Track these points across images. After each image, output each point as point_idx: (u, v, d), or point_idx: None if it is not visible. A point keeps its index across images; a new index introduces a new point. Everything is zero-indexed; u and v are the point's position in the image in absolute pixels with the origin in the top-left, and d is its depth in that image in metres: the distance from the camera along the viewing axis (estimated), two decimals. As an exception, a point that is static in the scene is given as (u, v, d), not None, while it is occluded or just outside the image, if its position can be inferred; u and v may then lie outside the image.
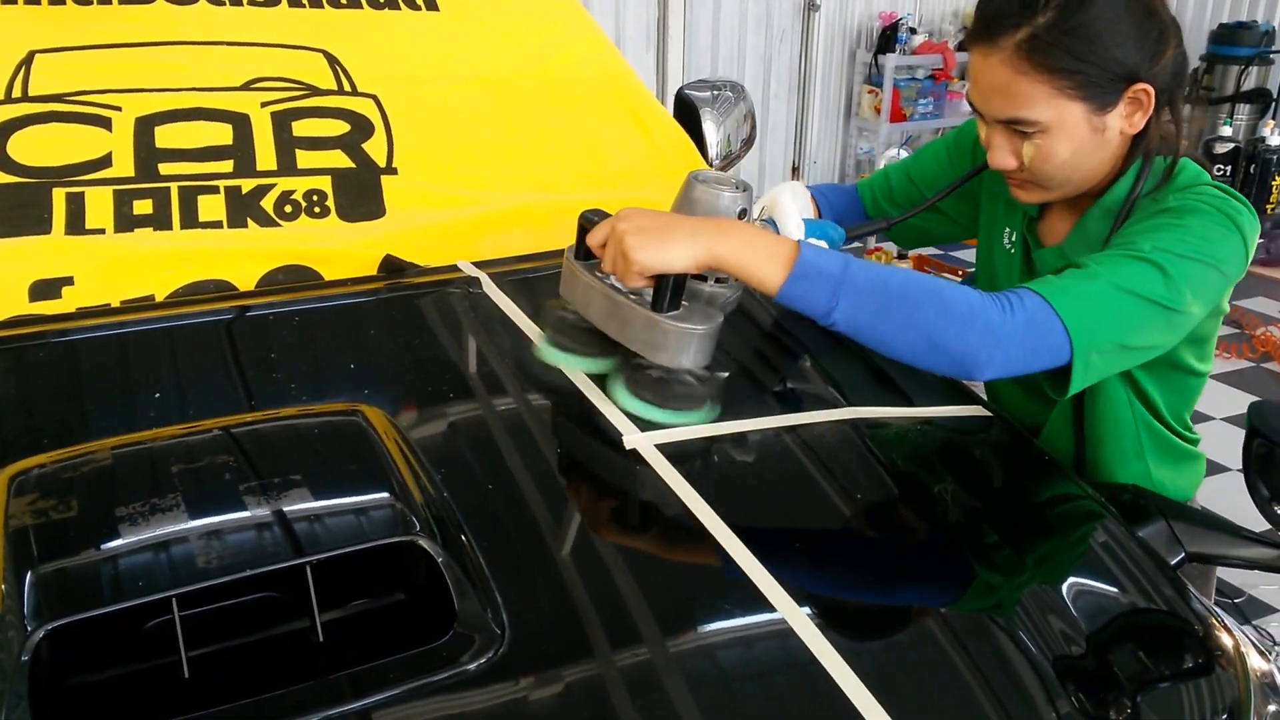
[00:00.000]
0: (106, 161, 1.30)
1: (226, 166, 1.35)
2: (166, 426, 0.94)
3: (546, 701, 0.74)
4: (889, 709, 0.73)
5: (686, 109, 1.80)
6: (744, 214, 1.08)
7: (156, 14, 1.49)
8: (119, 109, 1.35)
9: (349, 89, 1.50)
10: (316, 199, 1.36)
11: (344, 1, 1.62)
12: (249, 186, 1.34)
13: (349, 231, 1.34)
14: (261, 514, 0.81)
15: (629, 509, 0.98)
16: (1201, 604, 0.96)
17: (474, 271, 1.29)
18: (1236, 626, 0.97)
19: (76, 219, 1.24)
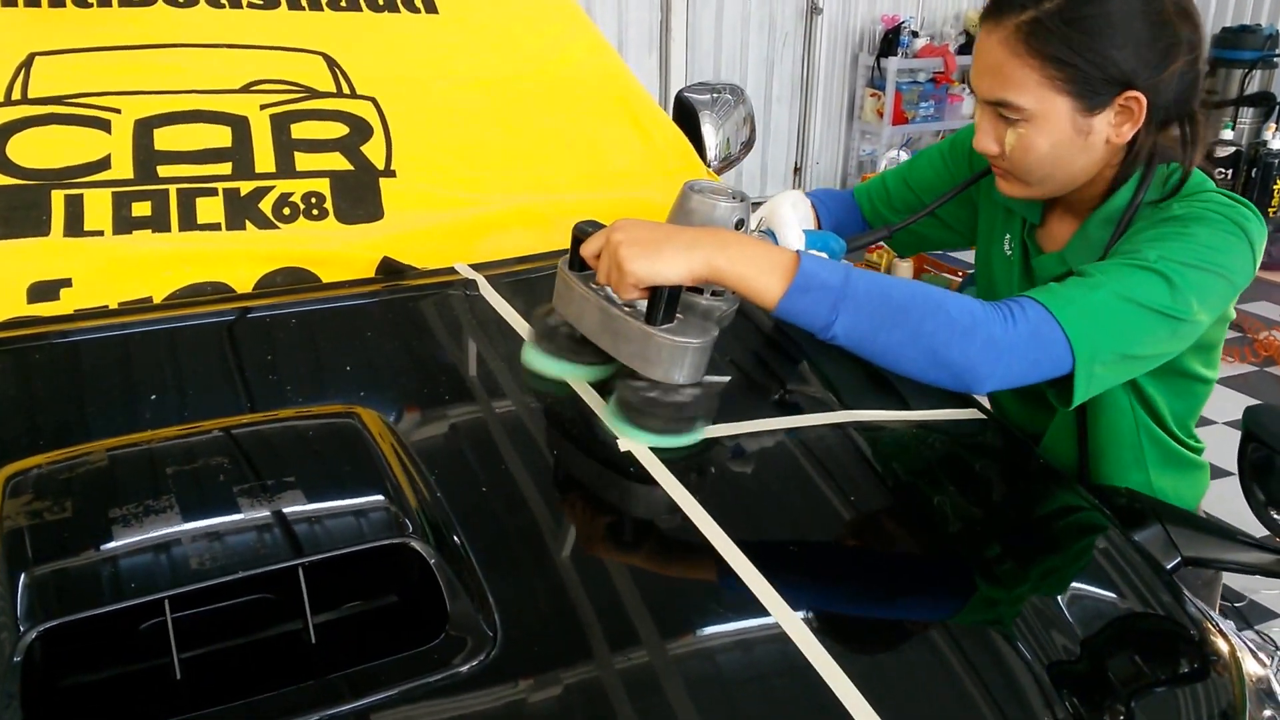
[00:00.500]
0: (105, 164, 1.30)
1: (225, 169, 1.35)
2: (162, 428, 0.94)
3: (538, 704, 0.74)
4: (883, 714, 0.73)
5: (686, 111, 1.81)
6: (741, 224, 1.07)
7: (156, 16, 1.49)
8: (118, 111, 1.36)
9: (348, 91, 1.50)
10: (315, 201, 1.37)
11: (343, 4, 1.62)
12: (247, 189, 1.34)
13: (347, 234, 1.35)
14: (255, 515, 0.81)
15: (622, 512, 0.98)
16: (1197, 608, 0.96)
17: (471, 274, 1.29)
18: (1233, 631, 0.97)
19: (75, 221, 1.24)
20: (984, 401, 1.28)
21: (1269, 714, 0.90)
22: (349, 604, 0.83)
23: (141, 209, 1.28)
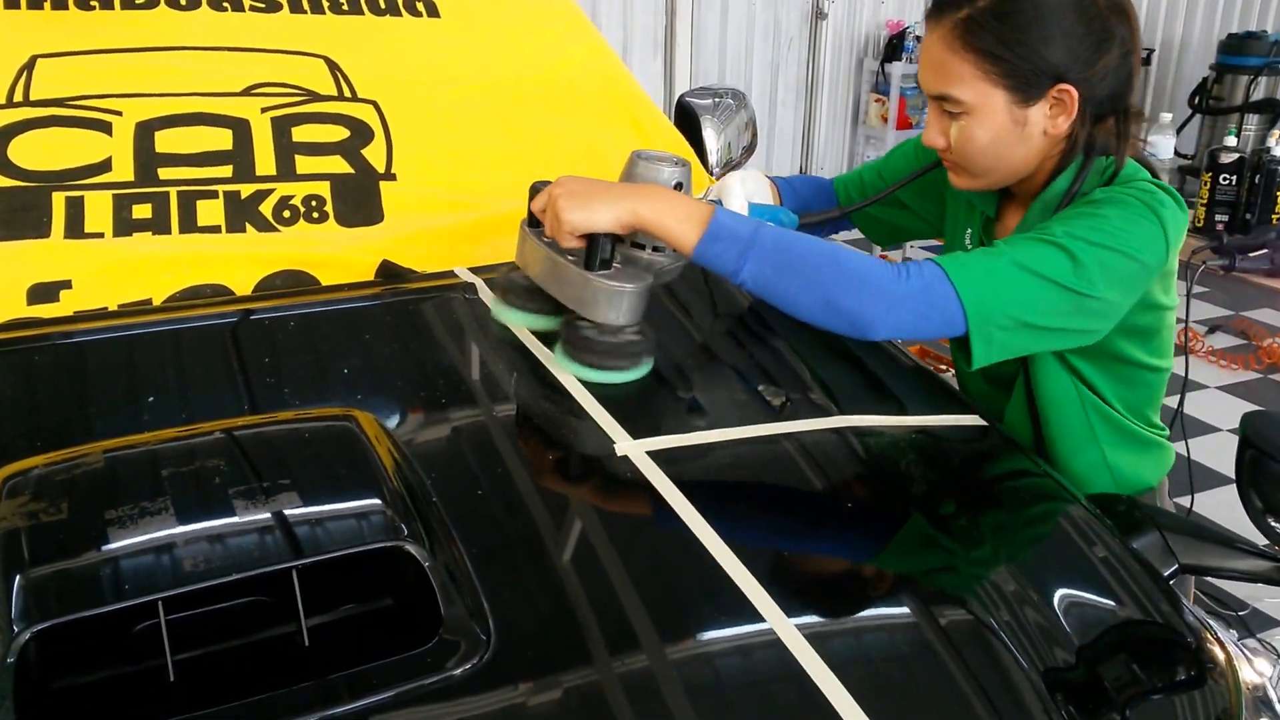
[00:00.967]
0: (106, 166, 1.31)
1: (226, 171, 1.36)
2: (160, 430, 0.94)
3: (532, 708, 0.74)
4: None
5: (687, 116, 1.81)
6: (680, 187, 1.17)
7: (158, 19, 1.50)
8: (119, 114, 1.36)
9: (349, 95, 1.50)
10: (315, 204, 1.37)
11: (345, 7, 1.63)
12: (248, 191, 1.35)
13: (347, 237, 1.35)
14: (250, 518, 0.81)
15: (619, 517, 0.98)
16: (1194, 616, 0.96)
17: (470, 277, 1.30)
18: (1231, 639, 0.97)
19: (75, 223, 1.24)
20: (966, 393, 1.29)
21: (1265, 722, 0.90)
22: (343, 607, 0.83)
23: (142, 211, 1.28)
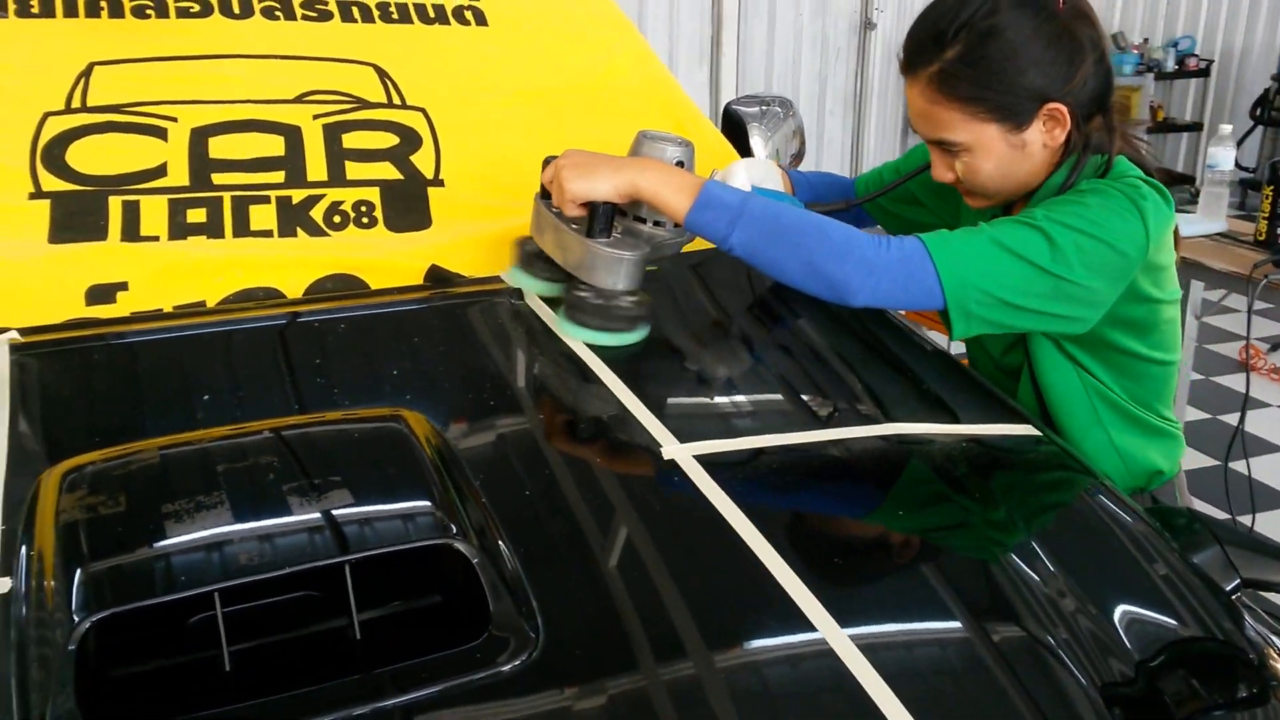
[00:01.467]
0: (162, 171, 1.35)
1: (278, 177, 1.40)
2: (214, 428, 0.98)
3: (580, 705, 0.76)
4: None
5: (734, 124, 1.83)
6: (680, 165, 1.27)
7: (212, 28, 1.55)
8: (175, 120, 1.41)
9: (398, 102, 1.54)
10: (365, 210, 1.41)
11: (395, 16, 1.67)
12: (299, 197, 1.39)
13: (395, 242, 1.39)
14: (303, 514, 0.84)
15: (666, 520, 0.99)
16: (1257, 631, 0.95)
17: (517, 283, 1.33)
18: (1296, 656, 0.96)
19: (132, 226, 1.29)
20: (1023, 407, 1.29)
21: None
22: (393, 603, 0.85)
23: (196, 215, 1.33)
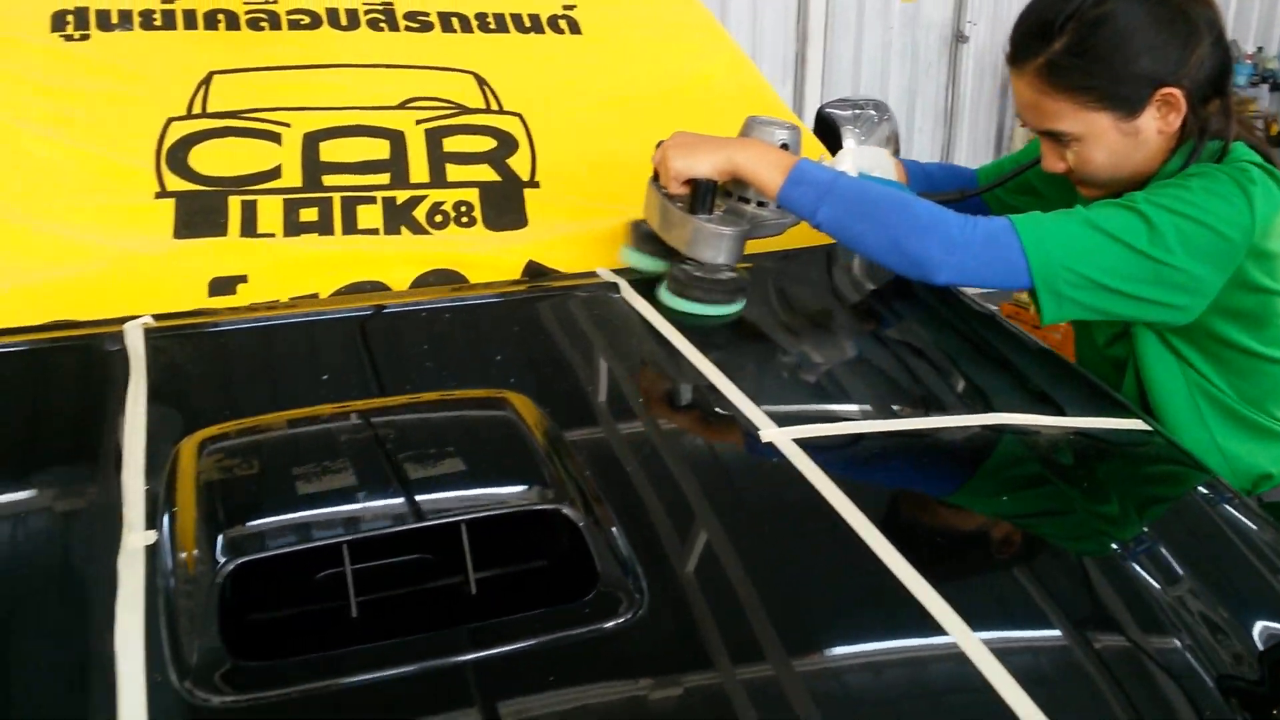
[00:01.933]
0: (276, 173, 1.46)
1: (384, 179, 1.50)
2: (333, 404, 1.06)
3: (682, 663, 0.81)
4: None
5: (827, 128, 1.88)
6: (785, 147, 1.35)
7: (321, 39, 1.66)
8: (287, 125, 1.52)
9: (496, 108, 1.64)
10: (464, 210, 1.50)
11: (492, 26, 1.77)
12: (403, 197, 1.48)
13: (494, 240, 1.47)
14: (420, 478, 0.91)
15: (765, 498, 1.04)
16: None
17: (612, 277, 1.40)
18: None
19: (250, 224, 1.40)
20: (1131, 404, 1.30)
21: None
22: (504, 566, 0.92)
23: (309, 214, 1.43)
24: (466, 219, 1.49)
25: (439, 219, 1.48)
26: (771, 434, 1.06)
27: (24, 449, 1.04)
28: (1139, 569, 0.97)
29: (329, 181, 1.47)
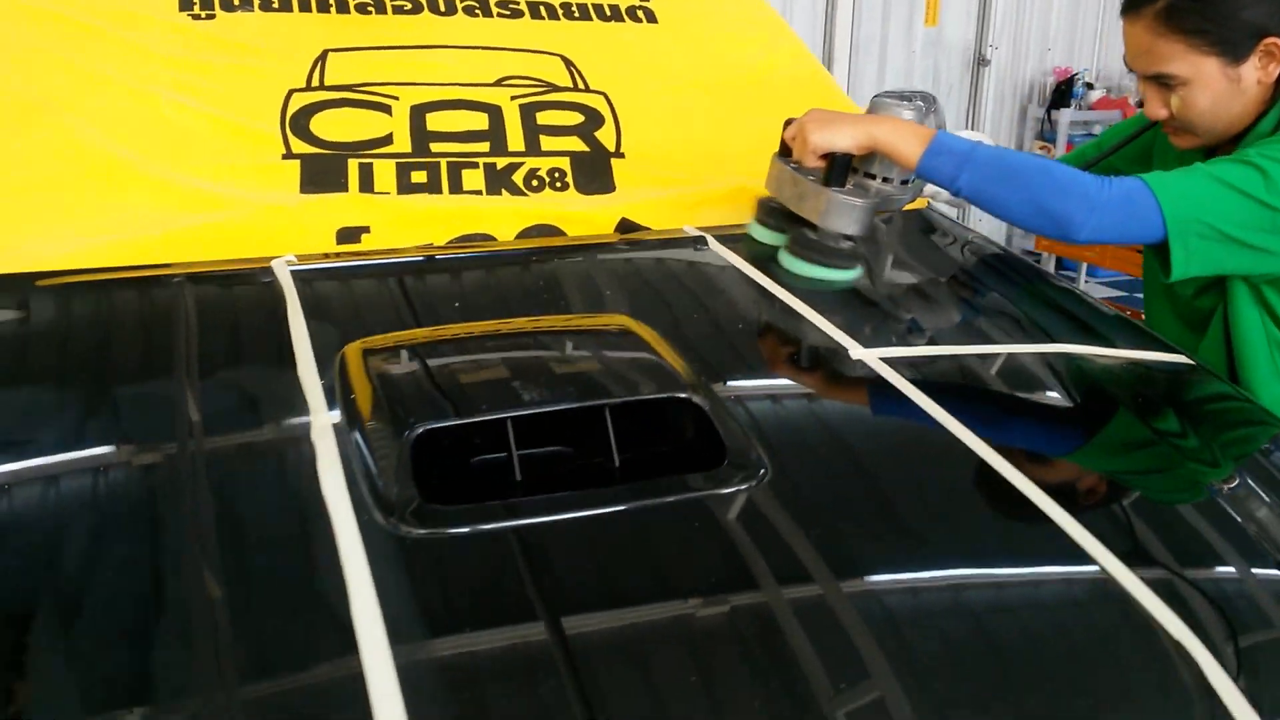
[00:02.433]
0: (388, 140, 1.62)
1: (484, 147, 1.66)
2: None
3: (805, 523, 0.94)
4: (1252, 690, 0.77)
5: (880, 115, 2.04)
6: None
7: (424, 23, 1.83)
8: (396, 98, 1.69)
9: (583, 87, 1.80)
10: (558, 175, 1.65)
11: (576, 15, 1.94)
12: (502, 164, 1.64)
13: (586, 201, 1.63)
14: (565, 373, 1.06)
15: (862, 407, 1.19)
16: None
17: (698, 233, 1.55)
18: None
19: (367, 183, 1.55)
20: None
21: None
22: (643, 449, 1.06)
23: (419, 176, 1.59)
24: (560, 184, 1.65)
25: (535, 183, 1.64)
26: (860, 353, 1.21)
27: (214, 354, 1.18)
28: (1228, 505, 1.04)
29: (435, 148, 1.63)
